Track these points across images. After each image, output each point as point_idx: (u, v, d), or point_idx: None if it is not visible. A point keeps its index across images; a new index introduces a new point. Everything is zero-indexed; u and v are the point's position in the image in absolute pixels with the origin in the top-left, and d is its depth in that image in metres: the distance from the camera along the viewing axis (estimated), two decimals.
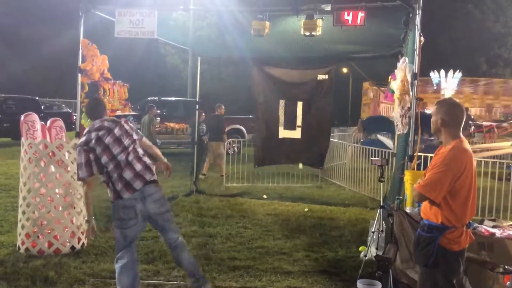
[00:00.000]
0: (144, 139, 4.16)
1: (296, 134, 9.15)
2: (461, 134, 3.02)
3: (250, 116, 15.82)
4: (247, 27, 6.11)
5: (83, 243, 5.50)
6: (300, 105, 9.03)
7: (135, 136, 3.99)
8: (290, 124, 9.14)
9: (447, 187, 2.90)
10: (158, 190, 3.94)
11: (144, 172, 3.87)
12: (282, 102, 9.13)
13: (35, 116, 5.83)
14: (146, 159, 3.98)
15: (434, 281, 2.98)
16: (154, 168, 3.98)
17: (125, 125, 3.97)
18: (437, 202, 2.93)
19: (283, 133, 9.21)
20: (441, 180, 2.90)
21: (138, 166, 3.87)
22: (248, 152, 11.34)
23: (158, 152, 4.23)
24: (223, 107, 11.72)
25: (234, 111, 21.96)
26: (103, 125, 3.88)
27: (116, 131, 3.88)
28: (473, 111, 24.39)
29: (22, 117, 5.73)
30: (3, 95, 18.81)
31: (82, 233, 5.49)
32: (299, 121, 9.10)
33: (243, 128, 16.79)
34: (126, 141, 3.90)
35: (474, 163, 3.03)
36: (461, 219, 2.96)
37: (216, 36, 8.10)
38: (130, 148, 3.91)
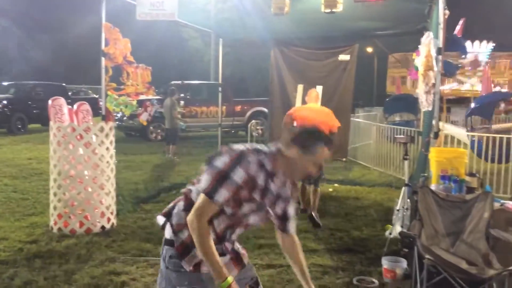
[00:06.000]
0: None
1: None
2: None
3: None
4: (266, 8, 6.06)
5: (113, 223, 5.67)
6: (320, 89, 8.16)
7: None
8: None
9: None
10: None
11: None
12: (300, 87, 8.49)
13: (62, 100, 5.97)
14: None
15: None
16: None
17: None
18: None
19: None
20: None
21: None
22: None
23: None
24: None
25: (256, 93, 21.92)
26: None
27: None
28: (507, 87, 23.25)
29: (50, 101, 5.89)
30: (32, 82, 19.25)
31: (112, 213, 5.66)
32: None
33: (266, 110, 16.78)
34: None
35: None
36: None
37: (237, 18, 8.03)
38: None
